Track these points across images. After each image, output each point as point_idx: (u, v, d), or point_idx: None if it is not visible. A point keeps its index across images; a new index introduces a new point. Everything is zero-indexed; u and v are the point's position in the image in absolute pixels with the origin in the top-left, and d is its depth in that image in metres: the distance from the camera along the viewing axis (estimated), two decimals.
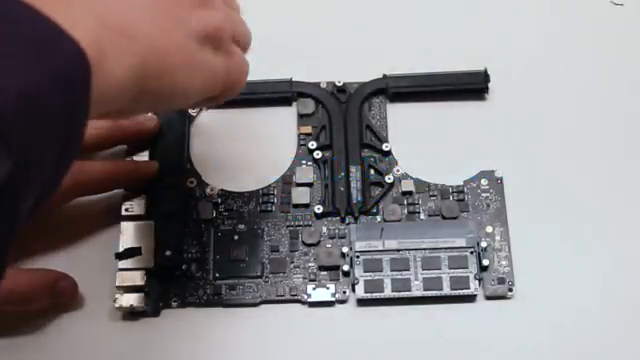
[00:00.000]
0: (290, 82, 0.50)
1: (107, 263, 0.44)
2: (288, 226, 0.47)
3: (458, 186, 0.47)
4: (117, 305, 0.43)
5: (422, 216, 0.47)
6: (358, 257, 0.45)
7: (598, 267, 0.45)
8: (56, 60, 0.28)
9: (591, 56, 0.51)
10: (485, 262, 0.45)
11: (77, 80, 0.29)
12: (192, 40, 0.35)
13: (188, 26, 0.34)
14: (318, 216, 0.47)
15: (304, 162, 0.49)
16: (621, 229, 0.46)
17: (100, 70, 0.29)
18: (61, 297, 0.44)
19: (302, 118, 0.50)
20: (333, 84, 0.50)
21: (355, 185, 0.47)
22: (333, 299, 0.45)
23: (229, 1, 0.39)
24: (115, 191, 0.47)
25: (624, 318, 0.44)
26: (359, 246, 0.45)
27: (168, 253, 0.45)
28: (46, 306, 0.44)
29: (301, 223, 0.47)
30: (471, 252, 0.45)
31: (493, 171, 0.48)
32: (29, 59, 0.27)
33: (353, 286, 0.45)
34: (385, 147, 0.48)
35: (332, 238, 0.46)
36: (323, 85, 0.50)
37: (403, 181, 0.48)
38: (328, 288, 0.45)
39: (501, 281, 0.45)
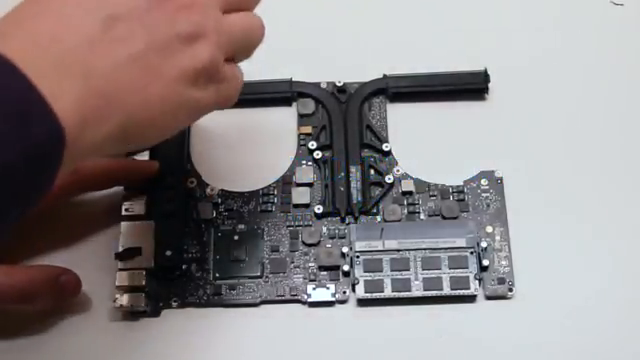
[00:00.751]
0: (290, 82, 0.50)
1: (107, 263, 0.44)
2: (288, 226, 0.47)
3: (458, 186, 0.47)
4: (117, 305, 0.43)
5: (422, 216, 0.47)
6: (358, 257, 0.45)
7: (598, 267, 0.45)
8: (33, 137, 0.28)
9: (591, 56, 0.51)
10: (485, 262, 0.45)
11: (49, 157, 0.29)
12: (179, 82, 0.34)
13: (176, 67, 0.34)
14: (318, 216, 0.47)
15: (304, 162, 0.49)
16: (621, 229, 0.46)
17: (78, 139, 0.30)
18: (64, 292, 0.43)
19: (302, 118, 0.50)
20: (333, 84, 0.50)
21: (355, 185, 0.47)
22: (333, 299, 0.45)
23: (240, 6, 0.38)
24: (115, 191, 0.46)
25: (624, 318, 0.44)
26: (359, 246, 0.45)
27: (168, 253, 0.45)
28: (49, 303, 0.43)
29: (301, 223, 0.47)
30: (471, 252, 0.45)
31: (493, 171, 0.48)
32: (6, 133, 0.27)
33: (353, 286, 0.45)
34: (385, 147, 0.48)
35: (332, 238, 0.46)
36: (323, 85, 0.50)
37: (403, 181, 0.48)
38: (328, 288, 0.45)
39: (501, 281, 0.45)
